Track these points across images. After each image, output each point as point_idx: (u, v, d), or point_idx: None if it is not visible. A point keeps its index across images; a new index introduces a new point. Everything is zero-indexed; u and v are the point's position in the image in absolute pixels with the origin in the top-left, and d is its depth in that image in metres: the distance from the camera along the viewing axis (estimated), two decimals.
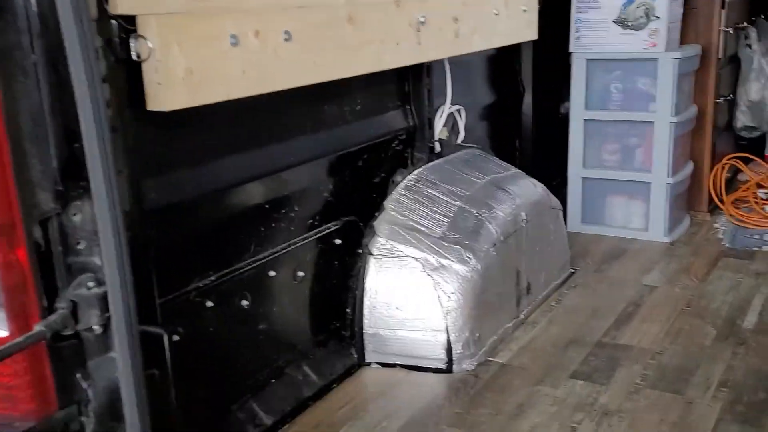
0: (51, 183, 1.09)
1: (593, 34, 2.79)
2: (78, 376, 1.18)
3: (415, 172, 2.12)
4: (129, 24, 1.23)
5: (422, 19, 1.91)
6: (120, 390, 1.13)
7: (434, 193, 2.07)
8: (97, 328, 1.16)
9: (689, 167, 2.97)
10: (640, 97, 2.79)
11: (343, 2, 1.65)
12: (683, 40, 2.88)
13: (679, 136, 2.80)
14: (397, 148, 2.15)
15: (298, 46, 1.52)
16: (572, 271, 2.56)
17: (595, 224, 2.95)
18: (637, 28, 2.71)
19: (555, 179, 3.05)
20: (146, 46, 1.24)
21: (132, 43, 1.24)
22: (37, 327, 1.08)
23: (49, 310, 1.13)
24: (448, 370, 1.93)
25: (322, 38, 1.58)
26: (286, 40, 1.49)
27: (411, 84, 2.16)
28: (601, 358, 1.98)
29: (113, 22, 1.21)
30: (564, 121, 2.93)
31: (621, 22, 2.74)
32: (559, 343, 2.07)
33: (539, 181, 2.46)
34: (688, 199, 3.03)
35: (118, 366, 1.12)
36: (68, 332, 1.14)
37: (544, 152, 3.07)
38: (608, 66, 2.81)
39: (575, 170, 2.93)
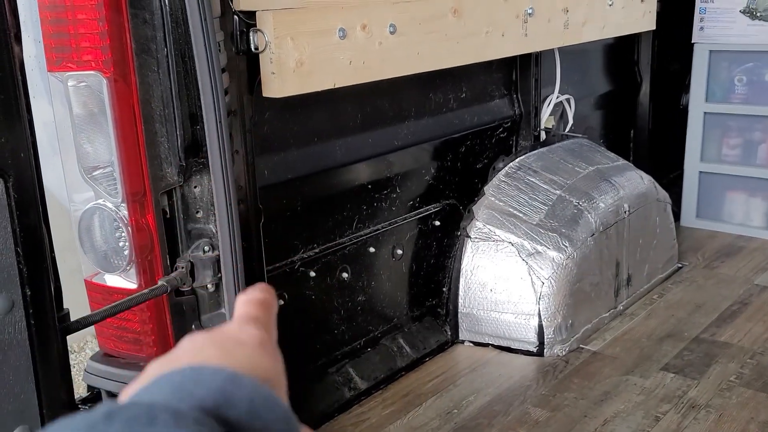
0: (176, 159, 1.25)
1: (718, 24, 2.71)
2: (193, 327, 1.35)
3: (518, 159, 2.17)
4: (249, 19, 1.38)
5: (530, 11, 1.96)
6: None
7: (535, 180, 2.12)
8: (210, 287, 1.33)
9: None
10: (767, 90, 2.68)
11: None
12: None
13: None
14: (502, 135, 2.21)
15: (402, 38, 1.62)
16: (679, 265, 2.53)
17: (711, 220, 2.87)
18: (767, 19, 2.61)
19: (673, 171, 3.00)
20: (263, 39, 1.39)
21: (251, 36, 1.39)
22: (161, 282, 1.26)
23: (171, 268, 1.30)
24: (539, 353, 1.99)
25: (426, 30, 1.68)
26: (391, 32, 1.60)
27: (518, 73, 2.21)
28: (697, 354, 1.97)
29: (235, 17, 1.37)
30: (685, 113, 2.86)
31: (750, 13, 2.64)
32: (655, 335, 2.08)
33: (655, 173, 2.43)
34: None
35: (228, 321, 1.29)
36: (186, 288, 1.31)
37: (661, 144, 3.01)
38: (733, 58, 2.72)
39: (692, 164, 2.86)
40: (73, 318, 1.13)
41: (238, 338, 0.43)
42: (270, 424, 0.36)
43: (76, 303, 1.27)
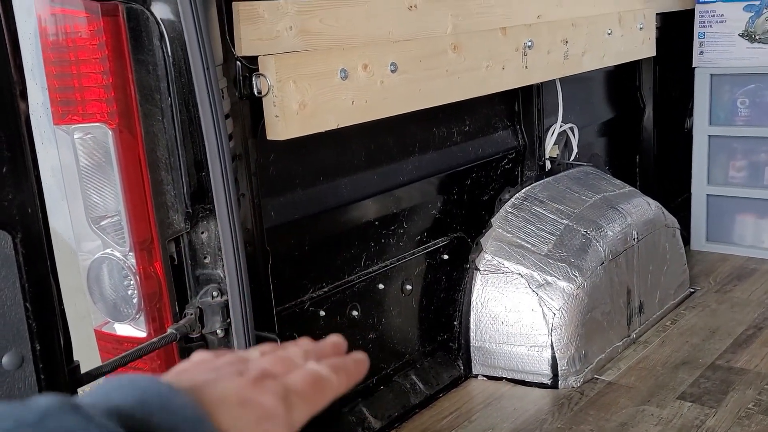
0: (182, 206, 1.26)
1: (718, 48, 2.72)
2: None
3: (524, 190, 2.17)
4: (251, 64, 1.40)
5: (529, 44, 1.97)
6: None
7: (541, 210, 2.12)
8: (220, 332, 1.33)
9: None
10: None
11: (448, 32, 1.75)
12: None
13: None
14: (507, 166, 2.22)
15: (404, 76, 1.63)
16: (692, 290, 2.51)
17: (721, 243, 2.85)
18: (766, 42, 2.62)
19: (680, 195, 2.99)
20: (266, 83, 1.40)
21: (254, 81, 1.40)
22: (170, 330, 1.26)
23: (180, 315, 1.30)
24: (554, 385, 1.97)
25: (427, 67, 1.69)
26: (392, 71, 1.61)
27: (520, 104, 2.22)
28: (713, 381, 1.94)
29: (238, 63, 1.38)
30: (689, 137, 2.87)
31: (748, 36, 2.65)
32: (670, 363, 2.05)
33: (662, 198, 2.43)
34: None
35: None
36: (195, 335, 1.31)
37: (667, 168, 3.01)
38: (735, 80, 2.73)
39: (699, 187, 2.85)
40: (83, 369, 1.12)
41: (238, 368, 0.42)
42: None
43: (88, 346, 1.28)
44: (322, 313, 1.69)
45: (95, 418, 0.35)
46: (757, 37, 2.64)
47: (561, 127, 2.36)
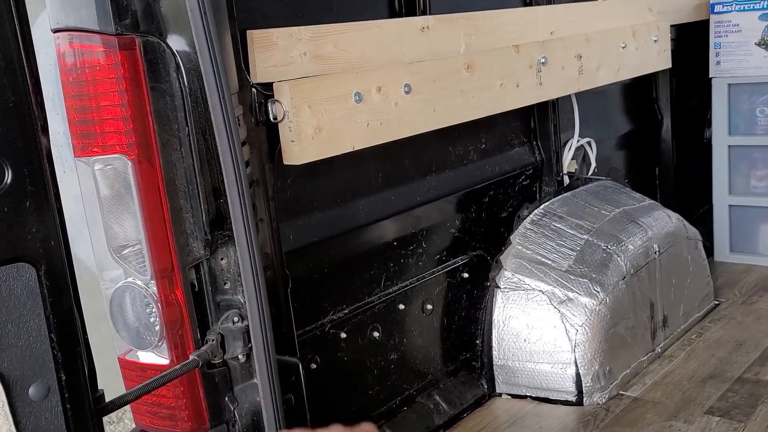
0: (201, 233, 1.28)
1: (735, 57, 2.70)
2: (226, 399, 1.35)
3: (542, 206, 2.16)
4: (266, 90, 1.42)
5: (543, 60, 1.98)
6: (262, 412, 1.30)
7: (561, 226, 2.11)
8: (241, 358, 1.34)
9: None
10: None
11: (461, 52, 1.76)
12: None
13: None
14: (524, 183, 2.22)
15: (418, 97, 1.64)
16: (716, 302, 2.47)
17: (745, 253, 2.82)
18: None
19: (701, 207, 2.96)
20: (281, 108, 1.42)
21: (269, 107, 1.42)
22: (192, 356, 1.27)
23: (202, 341, 1.31)
24: (579, 402, 1.95)
25: (441, 87, 1.70)
26: (406, 92, 1.62)
27: (536, 120, 2.22)
28: (742, 395, 1.91)
29: (253, 90, 1.40)
30: (709, 148, 2.84)
31: (765, 44, 2.64)
32: (697, 377, 2.03)
33: (683, 210, 2.41)
34: None
35: (260, 391, 1.29)
36: (217, 361, 1.32)
37: (687, 180, 2.99)
38: (753, 90, 2.71)
39: (720, 198, 2.83)
40: (108, 398, 1.14)
41: None
42: None
43: (113, 372, 1.29)
44: (343, 335, 1.70)
45: None
46: None
47: (578, 141, 2.36)
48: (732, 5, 2.70)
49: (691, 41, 2.80)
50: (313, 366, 1.63)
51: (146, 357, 1.32)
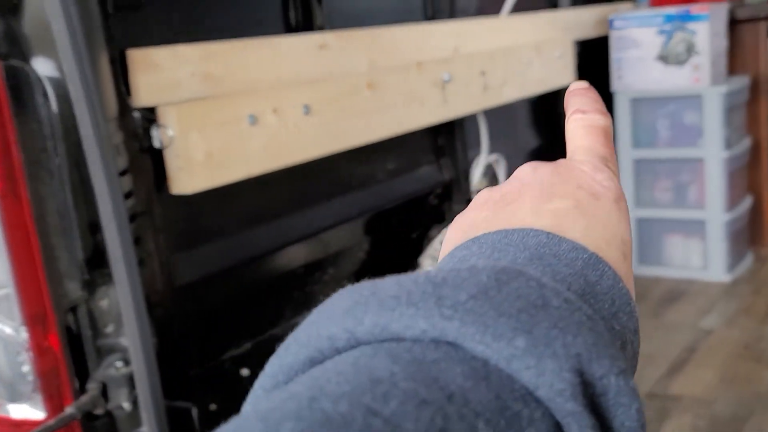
0: (78, 272, 1.16)
1: (635, 72, 2.76)
2: None
3: None
4: (152, 114, 1.32)
5: (447, 78, 1.94)
6: None
7: None
8: (126, 406, 1.22)
9: (747, 201, 2.87)
10: (689, 133, 2.73)
11: (362, 70, 1.70)
12: (732, 71, 2.81)
13: (733, 170, 2.72)
14: (434, 202, 2.18)
15: (317, 118, 1.57)
16: None
17: (653, 265, 2.87)
18: (679, 64, 2.67)
19: None
20: (167, 134, 1.32)
21: (154, 132, 1.32)
22: (68, 409, 1.15)
23: (81, 390, 1.19)
24: None
25: (341, 108, 1.64)
26: (305, 113, 1.55)
27: (443, 138, 2.19)
28: (651, 410, 1.92)
29: (135, 114, 1.30)
30: None
31: (663, 59, 2.70)
32: None
33: None
34: (750, 234, 2.92)
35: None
36: (99, 411, 1.20)
37: None
38: (653, 104, 2.77)
39: None
40: None
41: (592, 189, 0.31)
42: (626, 335, 0.27)
43: None
44: (245, 371, 1.60)
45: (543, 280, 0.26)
46: (670, 60, 2.69)
47: (486, 158, 2.34)
48: (631, 21, 2.76)
49: (595, 56, 2.85)
50: (213, 407, 1.52)
51: (19, 411, 1.19)
